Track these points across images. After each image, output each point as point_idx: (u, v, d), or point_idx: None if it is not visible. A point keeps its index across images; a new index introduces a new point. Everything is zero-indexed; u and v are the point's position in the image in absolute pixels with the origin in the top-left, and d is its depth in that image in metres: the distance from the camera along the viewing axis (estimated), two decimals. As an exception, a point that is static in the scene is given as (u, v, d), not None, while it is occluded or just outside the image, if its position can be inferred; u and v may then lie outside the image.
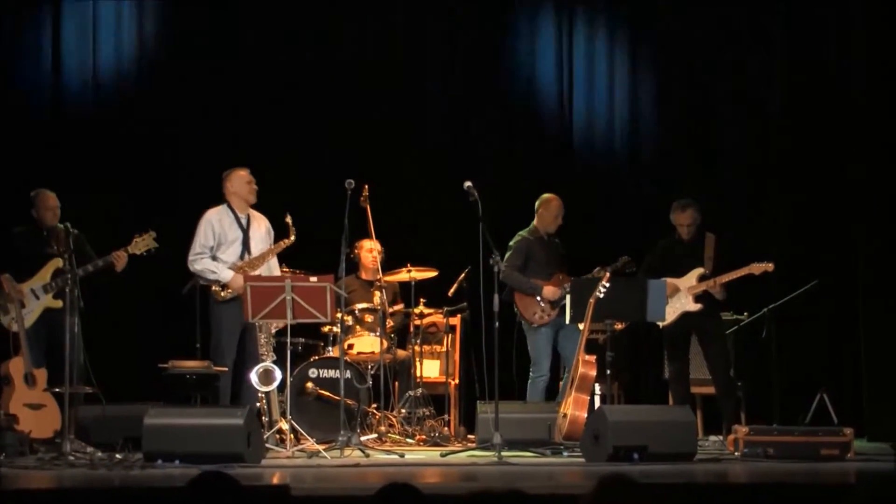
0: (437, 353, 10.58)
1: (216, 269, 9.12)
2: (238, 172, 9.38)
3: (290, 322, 8.55)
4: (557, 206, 9.86)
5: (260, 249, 9.29)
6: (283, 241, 9.25)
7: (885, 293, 10.22)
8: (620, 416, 8.13)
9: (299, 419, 8.96)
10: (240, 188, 9.31)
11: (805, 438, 8.41)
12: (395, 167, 11.16)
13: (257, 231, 9.35)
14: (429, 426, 9.63)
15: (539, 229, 9.87)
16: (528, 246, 9.80)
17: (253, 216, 9.38)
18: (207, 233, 9.21)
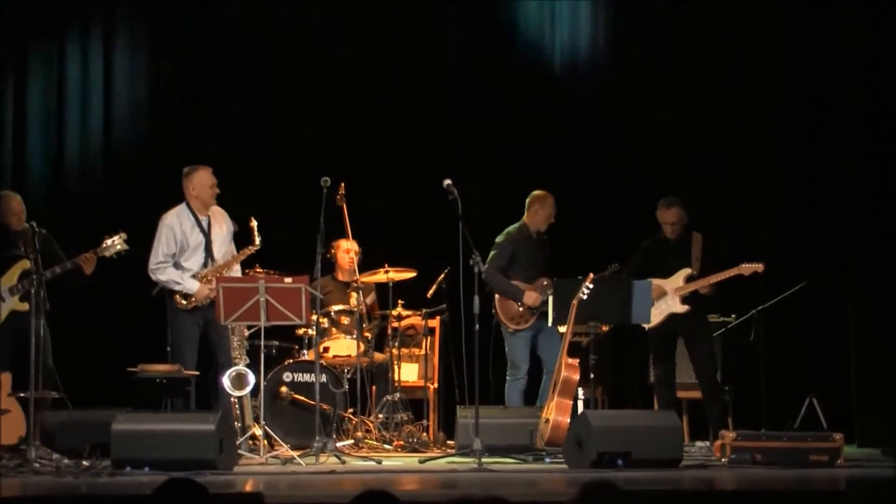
0: (416, 356, 10.57)
1: (181, 279, 9.03)
2: (200, 173, 9.18)
3: (263, 324, 8.52)
4: (552, 203, 9.84)
5: (223, 253, 9.19)
6: (248, 249, 9.12)
7: (876, 295, 10.24)
8: (604, 422, 8.12)
9: (273, 425, 8.94)
10: (201, 192, 9.15)
11: (794, 444, 8.42)
12: (372, 164, 11.14)
13: (219, 233, 9.22)
14: (407, 432, 9.62)
15: (529, 227, 9.85)
16: (514, 245, 9.78)
17: (213, 215, 9.24)
18: (169, 240, 9.07)
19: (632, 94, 11.35)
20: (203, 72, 11.23)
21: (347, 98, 11.33)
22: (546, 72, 11.65)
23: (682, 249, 9.65)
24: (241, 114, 11.15)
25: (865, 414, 10.15)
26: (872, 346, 10.19)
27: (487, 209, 10.33)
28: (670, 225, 9.66)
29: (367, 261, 10.18)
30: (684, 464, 8.19)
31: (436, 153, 11.20)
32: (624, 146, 11.37)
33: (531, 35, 11.65)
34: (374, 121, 11.36)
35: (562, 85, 11.61)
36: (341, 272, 10.45)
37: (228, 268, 9.14)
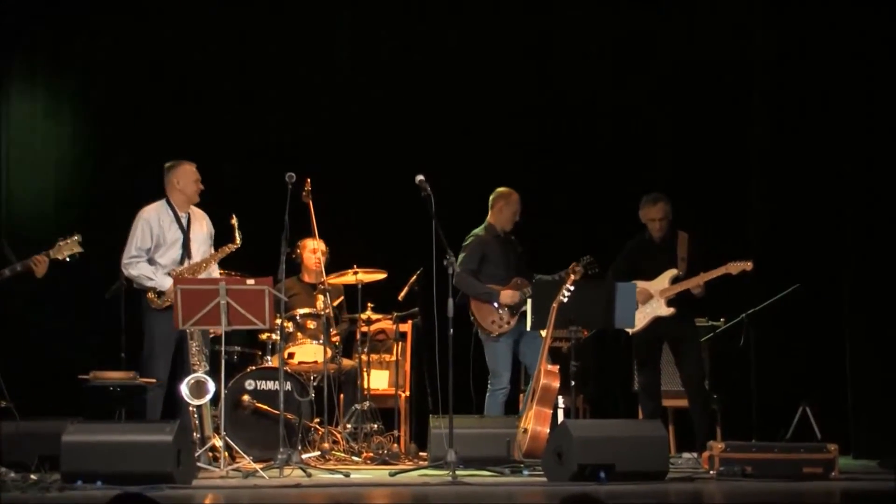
0: (386, 362, 10.56)
1: (153, 275, 9.01)
2: (185, 167, 9.25)
3: (224, 329, 8.48)
4: (517, 200, 9.84)
5: (201, 253, 9.19)
6: (228, 246, 9.12)
7: (872, 298, 10.26)
8: (585, 432, 8.11)
9: (234, 435, 8.90)
10: (186, 185, 9.20)
11: (786, 455, 8.43)
12: (340, 159, 11.12)
13: (199, 232, 9.24)
14: (377, 443, 9.60)
15: (495, 226, 9.84)
16: (483, 246, 9.77)
17: (194, 214, 9.28)
18: (144, 233, 9.08)
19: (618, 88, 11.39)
20: (167, 61, 11.20)
21: (313, 89, 11.32)
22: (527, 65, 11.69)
23: (667, 249, 9.66)
24: (200, 105, 11.11)
25: (862, 423, 10.18)
26: (869, 351, 10.22)
27: (463, 207, 10.32)
28: (657, 221, 9.66)
29: (334, 261, 10.17)
30: (670, 476, 8.19)
31: (408, 147, 11.18)
32: (610, 141, 11.39)
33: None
34: (341, 113, 11.34)
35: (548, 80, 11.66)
36: (307, 273, 10.43)
37: (206, 266, 9.13)
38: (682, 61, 11.33)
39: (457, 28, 11.57)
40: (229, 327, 8.50)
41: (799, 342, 10.67)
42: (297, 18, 11.39)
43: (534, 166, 11.37)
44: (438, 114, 11.46)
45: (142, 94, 11.14)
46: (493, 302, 9.66)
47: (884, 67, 10.34)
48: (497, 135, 11.49)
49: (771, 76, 11.11)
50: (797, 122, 10.92)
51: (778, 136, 11.01)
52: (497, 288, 9.67)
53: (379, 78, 11.51)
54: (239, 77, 11.33)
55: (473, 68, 11.56)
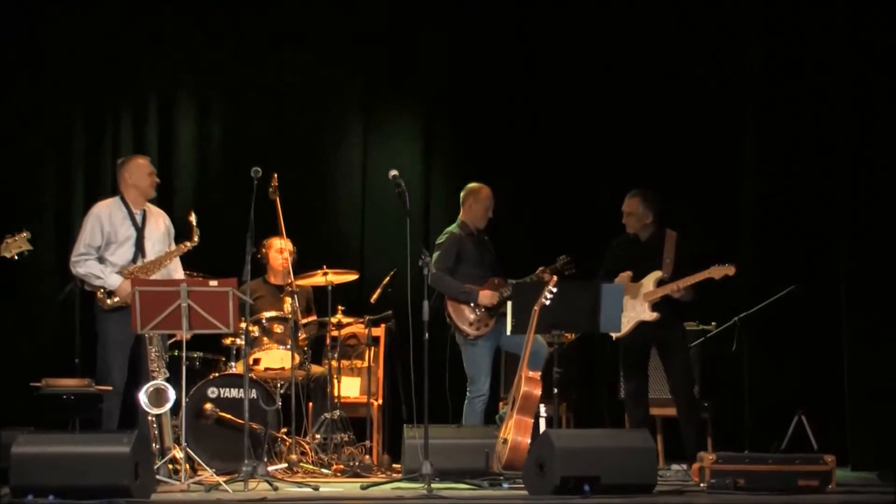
0: (358, 369, 10.56)
1: (101, 273, 8.99)
2: (137, 161, 9.25)
3: (185, 333, 8.46)
4: (488, 195, 9.85)
5: (157, 252, 9.16)
6: (185, 244, 9.10)
7: (871, 300, 10.28)
8: (569, 442, 8.11)
9: (196, 446, 8.88)
10: (139, 180, 9.18)
11: (780, 467, 8.44)
12: (309, 153, 11.11)
13: (155, 230, 9.22)
14: (348, 454, 9.59)
15: (468, 224, 9.85)
16: (458, 244, 9.78)
17: (150, 212, 9.25)
18: (95, 230, 9.07)
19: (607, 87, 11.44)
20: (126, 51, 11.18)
21: (280, 78, 11.29)
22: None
23: (653, 249, 9.66)
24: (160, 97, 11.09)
25: (860, 433, 10.20)
26: (868, 356, 10.23)
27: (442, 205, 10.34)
28: (626, 216, 9.68)
29: (302, 261, 10.14)
30: (658, 489, 8.19)
31: (381, 140, 11.18)
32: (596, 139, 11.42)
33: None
34: (309, 104, 11.33)
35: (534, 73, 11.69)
36: (274, 274, 10.42)
37: (160, 264, 9.09)
38: (675, 59, 11.36)
39: (433, 20, 11.57)
40: (191, 331, 8.48)
41: (794, 347, 10.70)
42: (264, 6, 11.39)
43: (522, 167, 11.38)
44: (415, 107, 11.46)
45: (101, 84, 11.11)
46: (472, 302, 9.66)
47: (879, 66, 10.37)
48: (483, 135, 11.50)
49: (765, 75, 11.13)
50: (791, 121, 10.94)
51: (772, 134, 11.04)
52: (475, 288, 9.67)
53: (353, 68, 11.50)
54: (206, 67, 11.29)
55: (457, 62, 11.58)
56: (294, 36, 11.33)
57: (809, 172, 10.81)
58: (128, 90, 11.22)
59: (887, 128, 10.29)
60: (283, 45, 11.31)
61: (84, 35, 11.03)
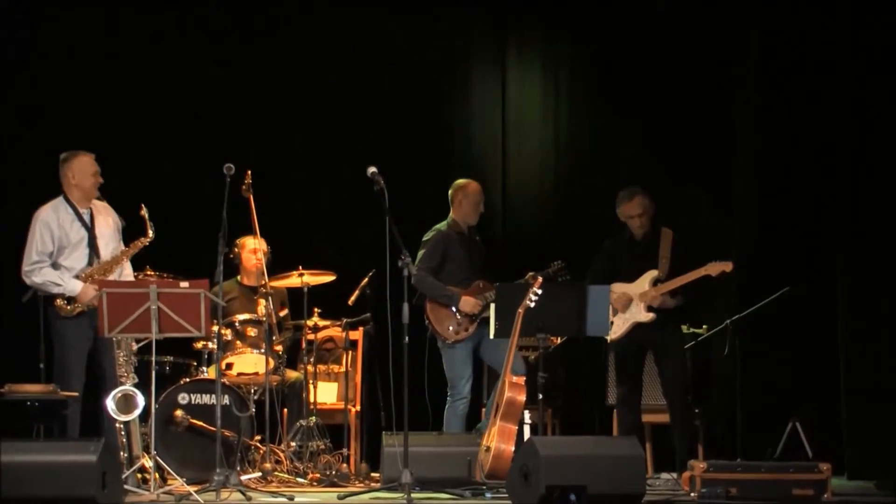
0: (335, 374, 10.55)
1: (60, 279, 8.94)
2: (81, 158, 9.13)
3: (155, 337, 8.45)
4: (476, 190, 9.86)
5: (110, 250, 9.12)
6: (140, 241, 9.07)
7: (868, 302, 10.30)
8: (554, 450, 8.11)
9: (166, 455, 8.88)
10: (82, 179, 9.10)
11: (774, 476, 8.46)
12: (283, 149, 11.09)
13: (105, 228, 9.16)
14: (324, 462, 9.58)
15: (458, 222, 9.86)
16: (445, 243, 9.78)
17: (96, 209, 9.19)
18: (44, 237, 8.98)
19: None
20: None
21: (254, 74, 11.28)
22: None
23: (649, 249, 9.67)
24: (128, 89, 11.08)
25: (857, 441, 10.23)
26: (865, 361, 10.26)
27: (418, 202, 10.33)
28: (637, 218, 9.68)
29: (277, 262, 10.13)
30: (647, 499, 8.20)
31: (359, 136, 11.17)
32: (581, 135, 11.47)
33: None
34: (285, 98, 11.32)
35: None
36: (247, 275, 10.40)
37: (117, 265, 9.07)
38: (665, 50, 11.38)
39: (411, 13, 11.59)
40: (161, 335, 8.47)
41: (788, 351, 10.70)
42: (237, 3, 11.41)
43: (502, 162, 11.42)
44: (394, 101, 11.46)
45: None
46: (453, 306, 9.66)
47: (878, 66, 10.38)
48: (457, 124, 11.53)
49: (758, 70, 11.15)
50: (784, 118, 10.95)
51: (765, 132, 11.05)
52: (458, 291, 9.67)
53: (327, 63, 11.50)
54: (179, 60, 11.28)
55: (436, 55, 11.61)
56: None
57: (804, 171, 10.82)
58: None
59: (885, 127, 10.31)
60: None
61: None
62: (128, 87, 11.14)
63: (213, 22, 11.32)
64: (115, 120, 10.96)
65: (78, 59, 11.07)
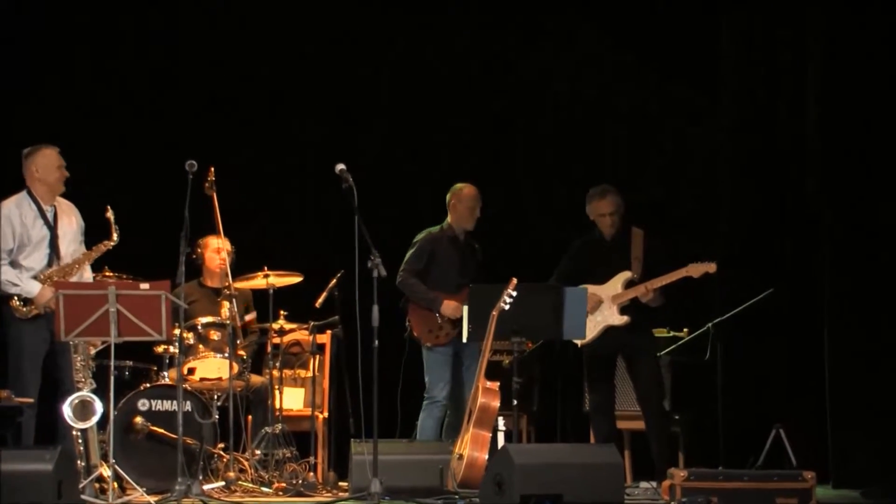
0: (302, 379, 10.54)
1: (18, 280, 8.92)
2: (45, 152, 9.13)
3: (114, 341, 8.43)
4: (473, 195, 9.90)
5: (72, 252, 9.11)
6: (104, 244, 9.07)
7: (855, 305, 10.32)
8: (529, 458, 8.14)
9: (125, 463, 8.85)
10: (47, 173, 9.09)
11: (757, 485, 8.49)
12: (248, 145, 11.09)
13: (68, 227, 9.16)
14: (290, 471, 9.57)
15: (453, 227, 9.91)
16: (434, 246, 9.85)
17: (60, 207, 9.18)
18: (6, 233, 8.97)
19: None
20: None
21: (219, 66, 11.28)
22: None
23: (619, 249, 9.69)
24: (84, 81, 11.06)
25: (842, 448, 10.25)
26: (852, 366, 10.27)
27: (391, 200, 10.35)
28: (608, 216, 9.70)
29: (241, 263, 10.12)
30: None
31: (327, 132, 11.18)
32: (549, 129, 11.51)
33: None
34: (249, 92, 11.33)
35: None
36: (210, 276, 10.39)
37: (79, 267, 9.06)
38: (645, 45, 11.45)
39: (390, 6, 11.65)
40: (120, 339, 8.45)
41: (772, 355, 10.74)
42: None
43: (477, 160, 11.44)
44: (367, 94, 11.50)
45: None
46: (434, 310, 9.70)
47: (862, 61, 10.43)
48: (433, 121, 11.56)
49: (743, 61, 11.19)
50: (767, 113, 10.99)
51: (747, 127, 11.09)
52: (441, 296, 9.71)
53: (295, 53, 11.52)
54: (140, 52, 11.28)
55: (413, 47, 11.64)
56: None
57: (788, 166, 10.85)
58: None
59: (871, 124, 10.34)
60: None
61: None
62: (94, 80, 11.13)
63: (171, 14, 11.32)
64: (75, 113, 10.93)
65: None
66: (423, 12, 11.56)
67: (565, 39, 11.70)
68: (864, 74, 10.26)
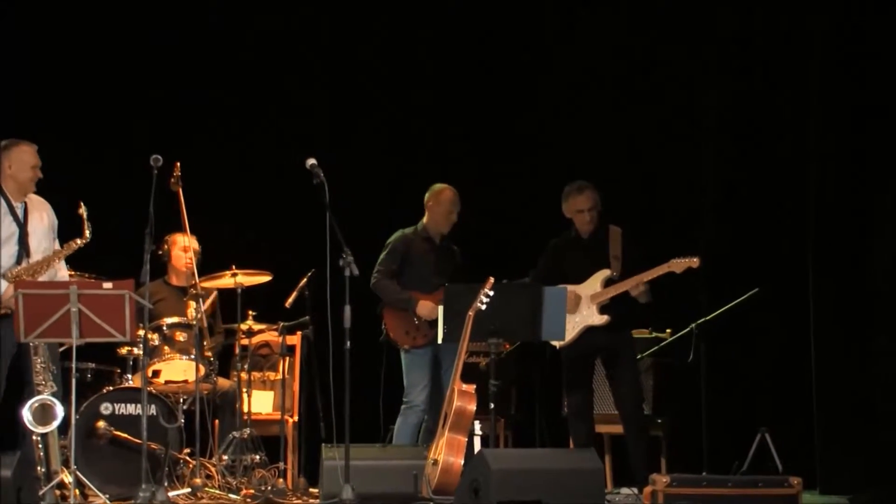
0: (271, 381, 10.52)
1: None
2: (23, 148, 9.09)
3: (75, 342, 8.40)
4: (450, 199, 9.90)
5: (42, 250, 9.07)
6: (75, 241, 9.01)
7: (844, 305, 10.34)
8: (507, 463, 8.14)
9: (87, 470, 8.84)
10: (19, 170, 9.05)
11: (742, 491, 8.50)
12: (215, 139, 11.08)
13: (38, 224, 9.12)
14: (259, 477, 9.57)
15: (429, 228, 9.91)
16: (407, 246, 9.84)
17: (31, 203, 9.15)
18: None
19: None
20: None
21: (183, 59, 11.27)
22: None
23: (597, 247, 9.69)
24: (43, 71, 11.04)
25: (829, 453, 10.28)
26: (840, 368, 10.30)
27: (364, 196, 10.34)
28: (586, 213, 9.69)
29: (208, 261, 10.11)
30: (606, 516, 8.25)
31: (297, 125, 11.17)
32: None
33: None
34: (218, 85, 11.31)
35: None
36: (176, 275, 10.37)
37: (49, 265, 9.01)
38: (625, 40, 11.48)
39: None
40: (82, 340, 8.42)
41: (758, 357, 10.77)
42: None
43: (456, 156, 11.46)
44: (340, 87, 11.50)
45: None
46: (409, 310, 9.70)
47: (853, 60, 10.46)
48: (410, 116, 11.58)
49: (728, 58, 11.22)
50: (754, 106, 11.02)
51: (732, 120, 11.11)
52: (417, 295, 9.71)
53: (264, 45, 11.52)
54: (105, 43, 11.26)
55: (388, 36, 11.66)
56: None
57: (775, 161, 10.87)
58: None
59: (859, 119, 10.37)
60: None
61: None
62: (55, 70, 11.12)
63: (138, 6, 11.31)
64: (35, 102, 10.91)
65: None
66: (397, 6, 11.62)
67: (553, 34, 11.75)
68: (862, 73, 10.30)
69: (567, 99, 11.66)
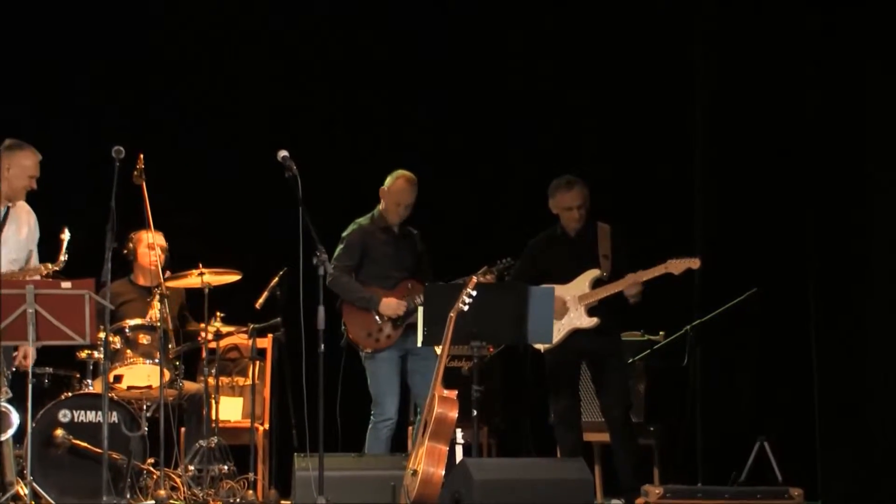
0: (240, 387, 10.51)
1: None
2: (25, 153, 9.07)
3: (32, 345, 8.38)
4: (404, 186, 9.82)
5: (11, 259, 8.99)
6: (45, 265, 8.95)
7: (843, 307, 10.36)
8: (490, 473, 8.14)
9: (44, 481, 8.83)
10: (16, 176, 9.04)
11: (739, 502, 8.51)
12: (181, 130, 11.06)
13: (14, 234, 9.05)
14: (227, 488, 9.56)
15: (385, 216, 9.85)
16: (365, 238, 9.78)
17: (15, 210, 9.13)
18: None
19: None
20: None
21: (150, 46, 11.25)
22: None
23: (584, 246, 9.67)
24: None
25: (831, 462, 10.29)
26: (841, 373, 10.31)
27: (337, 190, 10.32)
28: (575, 210, 9.67)
29: (175, 259, 10.07)
30: (596, 529, 8.24)
31: (268, 113, 11.17)
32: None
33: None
34: (183, 71, 11.31)
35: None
36: (141, 274, 10.36)
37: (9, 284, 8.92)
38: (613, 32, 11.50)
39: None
40: (39, 343, 8.40)
41: (756, 361, 10.77)
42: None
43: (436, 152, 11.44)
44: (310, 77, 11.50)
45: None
46: (372, 310, 9.65)
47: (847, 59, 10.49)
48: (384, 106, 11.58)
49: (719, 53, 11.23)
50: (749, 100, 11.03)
51: (727, 115, 11.11)
52: (379, 292, 9.66)
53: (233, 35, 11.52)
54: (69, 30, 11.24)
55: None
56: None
57: (773, 157, 10.89)
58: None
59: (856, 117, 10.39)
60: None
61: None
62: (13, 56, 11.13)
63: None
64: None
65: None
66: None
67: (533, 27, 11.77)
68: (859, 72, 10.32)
69: (558, 95, 11.66)
